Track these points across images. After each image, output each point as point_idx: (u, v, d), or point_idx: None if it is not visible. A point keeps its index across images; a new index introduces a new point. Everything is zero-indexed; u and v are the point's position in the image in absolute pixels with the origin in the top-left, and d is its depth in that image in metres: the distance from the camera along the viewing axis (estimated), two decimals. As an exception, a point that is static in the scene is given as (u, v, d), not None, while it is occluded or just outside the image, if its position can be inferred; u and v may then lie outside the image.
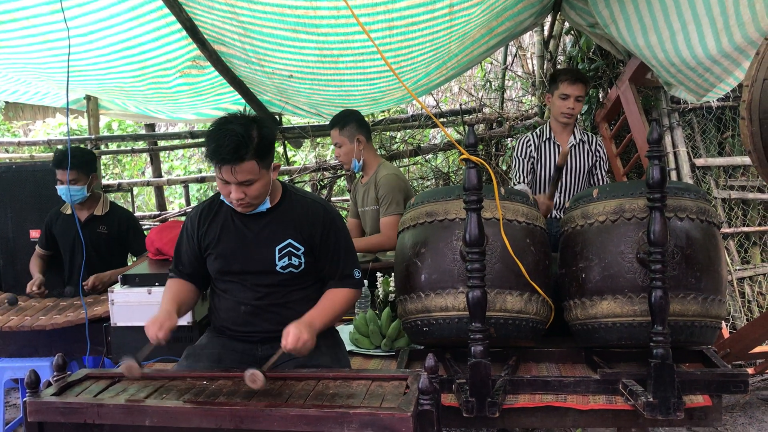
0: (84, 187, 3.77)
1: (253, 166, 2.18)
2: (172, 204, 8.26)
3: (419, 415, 1.74)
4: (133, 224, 4.01)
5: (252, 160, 2.17)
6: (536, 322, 2.43)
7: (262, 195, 2.28)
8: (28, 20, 3.56)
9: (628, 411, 2.25)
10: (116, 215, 3.95)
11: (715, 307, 2.32)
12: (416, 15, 3.46)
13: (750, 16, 2.98)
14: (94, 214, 3.90)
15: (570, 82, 3.62)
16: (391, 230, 3.63)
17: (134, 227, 4.00)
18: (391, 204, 3.66)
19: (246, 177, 2.18)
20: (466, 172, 2.15)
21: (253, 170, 2.18)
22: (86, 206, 3.89)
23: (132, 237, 3.96)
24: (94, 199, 3.93)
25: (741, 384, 2.22)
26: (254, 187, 2.22)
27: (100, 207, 3.93)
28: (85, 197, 3.81)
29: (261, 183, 2.24)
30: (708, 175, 4.90)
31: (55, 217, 3.96)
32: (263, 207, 2.34)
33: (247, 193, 2.22)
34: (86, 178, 3.79)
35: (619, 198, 2.37)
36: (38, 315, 3.23)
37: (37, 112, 8.87)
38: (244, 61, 4.18)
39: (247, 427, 1.78)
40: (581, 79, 3.67)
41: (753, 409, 4.00)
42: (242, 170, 2.16)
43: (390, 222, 3.65)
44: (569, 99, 3.64)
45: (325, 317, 2.28)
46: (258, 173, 2.20)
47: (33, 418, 1.90)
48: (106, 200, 4.00)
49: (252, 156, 2.16)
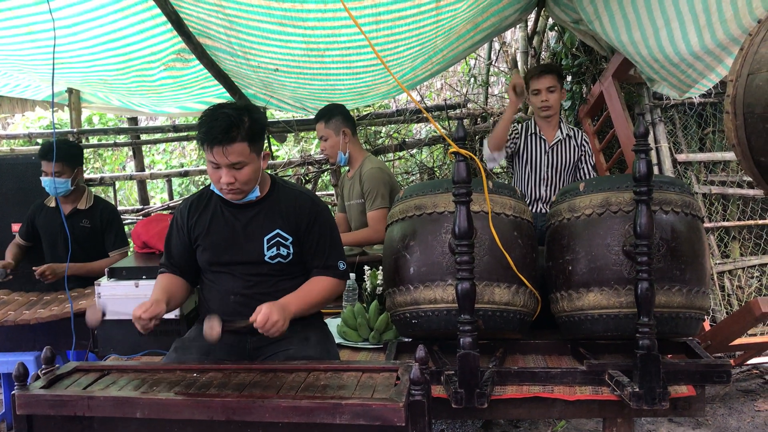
0: (68, 180, 3.74)
1: (243, 148, 2.21)
2: (153, 199, 8.19)
3: (411, 405, 1.75)
4: (112, 218, 3.96)
5: (243, 142, 2.20)
6: (523, 314, 2.45)
7: (251, 181, 2.30)
8: (12, 11, 3.52)
9: (614, 401, 2.28)
10: (99, 209, 3.92)
11: (699, 299, 2.36)
12: (403, 9, 3.47)
13: (732, 13, 3.03)
14: (77, 207, 3.87)
15: (536, 76, 3.69)
16: (378, 224, 3.64)
17: (112, 221, 3.94)
18: (376, 198, 3.67)
19: (237, 159, 2.21)
20: (455, 165, 2.16)
21: (243, 152, 2.21)
22: (70, 199, 3.86)
23: (107, 230, 3.91)
24: (78, 193, 3.89)
25: (724, 374, 2.26)
26: (244, 172, 2.25)
27: (84, 201, 3.90)
28: (69, 190, 3.77)
29: (251, 168, 2.26)
30: (689, 170, 4.97)
31: (38, 209, 3.93)
32: (252, 195, 2.35)
33: (237, 177, 2.24)
34: (71, 171, 3.75)
35: (605, 191, 2.39)
36: (22, 309, 3.20)
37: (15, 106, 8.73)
38: (230, 55, 4.17)
39: (239, 418, 1.78)
40: (547, 70, 3.72)
41: (732, 400, 4.07)
42: (233, 151, 2.19)
43: (377, 216, 3.66)
44: (541, 93, 3.70)
45: (301, 302, 2.29)
46: (248, 156, 2.23)
47: (22, 411, 1.88)
48: (90, 194, 3.96)
49: (243, 138, 2.20)
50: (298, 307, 2.26)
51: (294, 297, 2.29)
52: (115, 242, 3.89)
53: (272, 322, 2.11)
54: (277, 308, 2.14)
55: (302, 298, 2.31)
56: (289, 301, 2.24)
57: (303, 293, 2.34)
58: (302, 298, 2.31)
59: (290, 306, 2.22)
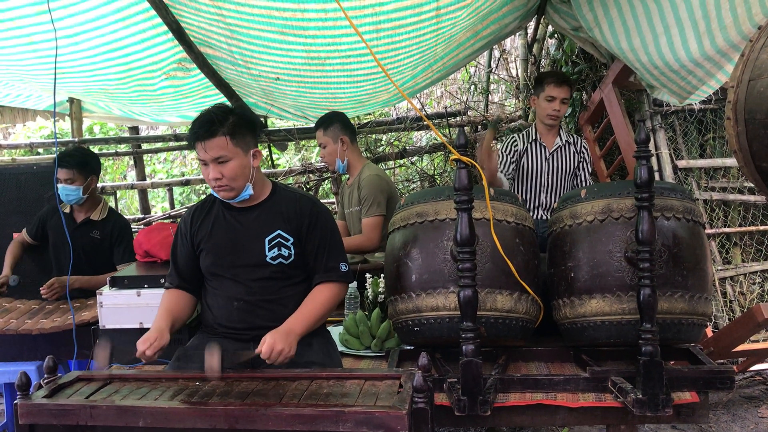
0: (80, 188, 3.66)
1: (223, 142, 2.26)
2: (155, 208, 8.20)
3: (414, 413, 1.75)
4: (124, 233, 3.87)
5: (223, 136, 2.26)
6: (526, 322, 2.45)
7: (239, 177, 2.32)
8: (14, 21, 3.54)
9: (617, 408, 2.27)
10: (111, 222, 3.84)
11: (702, 305, 2.35)
12: (403, 18, 3.48)
13: (732, 20, 3.03)
14: (90, 217, 3.80)
15: (556, 84, 3.66)
16: (371, 231, 3.64)
17: (123, 236, 3.86)
18: (372, 205, 3.67)
19: (218, 153, 2.26)
20: (456, 173, 2.17)
21: (223, 146, 2.26)
22: (84, 208, 3.80)
23: (117, 244, 3.83)
24: (93, 202, 3.83)
25: (727, 380, 2.26)
26: (229, 167, 2.28)
27: (99, 211, 3.82)
28: (81, 199, 3.71)
29: (236, 163, 2.30)
30: (690, 176, 4.98)
31: (52, 211, 3.84)
32: (246, 194, 2.37)
33: (224, 173, 2.28)
34: (83, 179, 3.68)
35: (606, 198, 2.39)
36: (24, 318, 3.19)
37: (16, 116, 8.75)
38: (231, 64, 4.18)
39: (242, 427, 1.77)
40: (567, 81, 3.71)
41: (736, 406, 4.06)
42: (213, 145, 2.25)
43: (371, 223, 3.66)
44: (555, 101, 3.68)
45: (306, 322, 2.29)
46: (231, 151, 2.28)
47: (24, 421, 1.88)
48: (105, 205, 3.89)
49: (223, 132, 2.26)
50: (303, 328, 2.26)
51: (298, 318, 2.29)
52: (124, 256, 3.80)
53: (278, 351, 2.12)
54: (280, 336, 2.15)
55: (306, 317, 2.30)
56: (293, 325, 2.24)
57: (306, 311, 2.33)
58: (306, 317, 2.30)
59: (295, 329, 2.23)
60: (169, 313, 2.38)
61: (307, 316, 2.31)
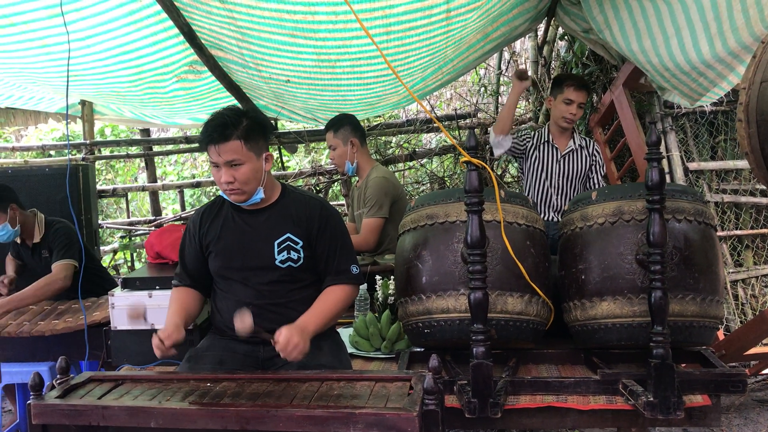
0: (6, 224, 3.54)
1: (237, 146, 2.25)
2: (165, 210, 8.23)
3: (424, 415, 1.75)
4: (58, 234, 3.67)
5: (237, 140, 2.25)
6: (536, 324, 2.44)
7: (251, 181, 2.32)
8: (27, 25, 3.57)
9: (628, 411, 2.26)
10: (50, 234, 3.69)
11: (713, 308, 2.34)
12: (414, 20, 3.49)
13: (743, 21, 3.02)
14: (35, 242, 3.70)
15: (576, 88, 3.66)
16: (369, 233, 3.63)
17: (56, 239, 3.65)
18: (374, 206, 3.66)
19: (231, 156, 2.25)
20: (467, 175, 2.17)
21: (237, 150, 2.25)
22: (26, 235, 3.70)
23: (55, 249, 3.60)
24: (30, 225, 3.70)
25: (739, 384, 2.24)
26: (242, 171, 2.28)
27: (38, 232, 3.70)
28: (16, 231, 3.61)
29: (249, 167, 2.29)
30: (701, 178, 4.95)
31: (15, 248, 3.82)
32: (257, 197, 2.36)
33: (236, 176, 2.28)
34: (4, 214, 3.53)
35: (617, 200, 2.39)
36: (37, 320, 3.21)
37: (29, 118, 8.82)
38: (242, 66, 4.20)
39: (253, 428, 1.78)
40: (586, 86, 3.73)
41: (748, 410, 4.03)
42: (227, 149, 2.24)
43: (369, 224, 3.65)
44: (572, 104, 3.68)
45: (319, 320, 2.29)
46: (244, 154, 2.27)
47: (37, 421, 1.90)
48: (41, 221, 3.74)
49: (237, 136, 2.25)
50: (316, 326, 2.26)
51: (311, 316, 2.29)
52: (58, 254, 3.58)
53: (293, 345, 2.11)
54: (297, 331, 2.15)
55: (318, 316, 2.30)
56: (306, 322, 2.24)
57: (318, 310, 2.33)
58: (318, 316, 2.30)
59: (309, 326, 2.23)
60: (182, 309, 2.40)
61: (319, 315, 2.31)
